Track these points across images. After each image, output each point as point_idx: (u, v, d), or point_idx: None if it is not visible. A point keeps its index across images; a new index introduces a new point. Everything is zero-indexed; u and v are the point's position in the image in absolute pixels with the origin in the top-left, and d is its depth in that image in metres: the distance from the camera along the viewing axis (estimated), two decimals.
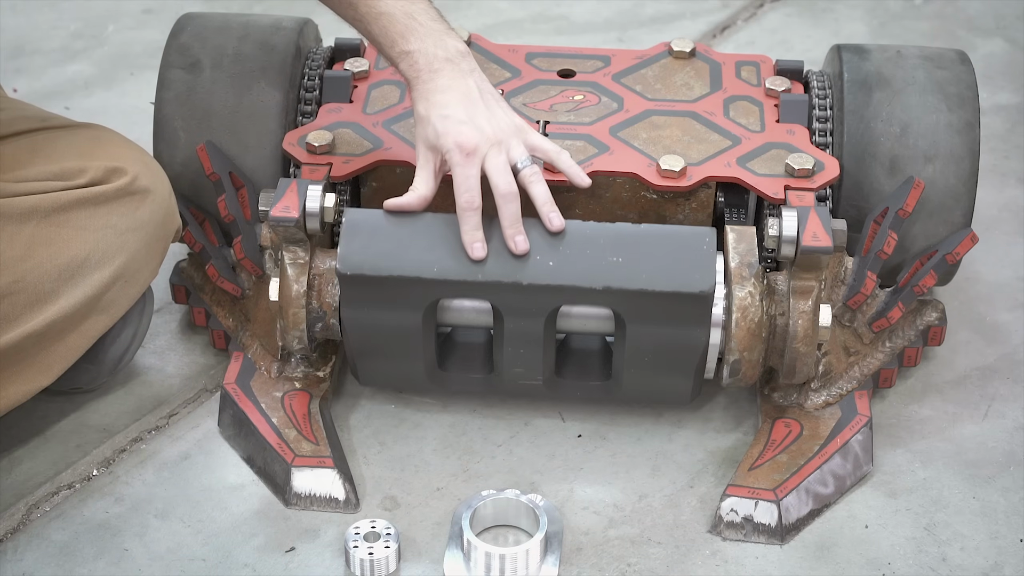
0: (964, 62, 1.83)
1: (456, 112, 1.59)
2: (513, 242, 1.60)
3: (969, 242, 1.74)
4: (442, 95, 1.60)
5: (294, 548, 1.59)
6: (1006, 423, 1.75)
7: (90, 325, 1.62)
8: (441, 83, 1.60)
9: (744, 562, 1.58)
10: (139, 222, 1.64)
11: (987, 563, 1.58)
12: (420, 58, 1.61)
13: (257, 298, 1.77)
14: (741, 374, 1.64)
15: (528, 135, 1.64)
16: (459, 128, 1.59)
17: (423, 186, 1.62)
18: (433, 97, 1.60)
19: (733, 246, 1.64)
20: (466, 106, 1.60)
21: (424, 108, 1.60)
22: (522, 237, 1.60)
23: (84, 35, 2.45)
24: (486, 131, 1.59)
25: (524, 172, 1.61)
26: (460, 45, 1.63)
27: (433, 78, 1.60)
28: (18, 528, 1.61)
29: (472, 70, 1.62)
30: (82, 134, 1.69)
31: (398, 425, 1.73)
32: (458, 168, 1.59)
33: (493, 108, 1.62)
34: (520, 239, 1.60)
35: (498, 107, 1.63)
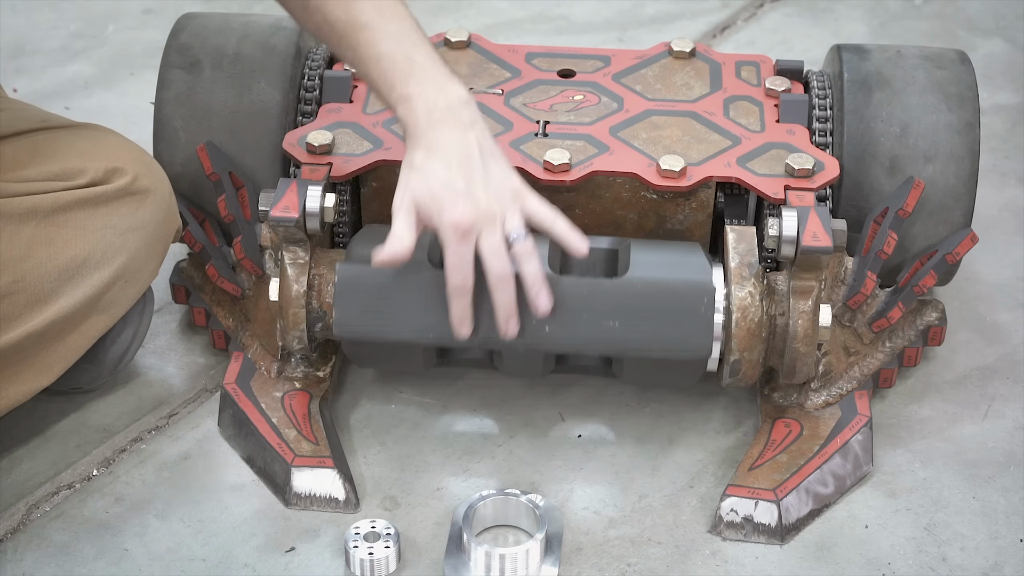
0: (964, 62, 1.83)
1: (454, 179, 1.51)
2: (506, 326, 1.56)
3: (969, 242, 1.74)
4: (441, 151, 1.52)
5: (294, 548, 1.59)
6: (1006, 423, 1.75)
7: (90, 325, 1.62)
8: (441, 137, 1.53)
9: (744, 562, 1.58)
10: (139, 222, 1.64)
11: (987, 563, 1.58)
12: (420, 104, 1.53)
13: (257, 298, 1.77)
14: (741, 374, 1.64)
15: (525, 200, 1.56)
16: (455, 201, 1.50)
17: (407, 234, 1.53)
18: (432, 151, 1.52)
19: (733, 246, 1.64)
20: (465, 171, 1.52)
21: (420, 160, 1.53)
22: (515, 320, 1.56)
23: (84, 35, 2.45)
24: (482, 205, 1.52)
25: (516, 248, 1.54)
26: (462, 92, 1.55)
27: (433, 127, 1.53)
28: (18, 528, 1.61)
29: (474, 122, 1.55)
30: (82, 134, 1.69)
31: (398, 425, 1.73)
32: (451, 248, 1.52)
33: (492, 171, 1.54)
34: (512, 323, 1.56)
35: (496, 167, 1.55)
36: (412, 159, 1.54)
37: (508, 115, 1.80)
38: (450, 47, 1.91)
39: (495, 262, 1.53)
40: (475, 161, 1.53)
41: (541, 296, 1.55)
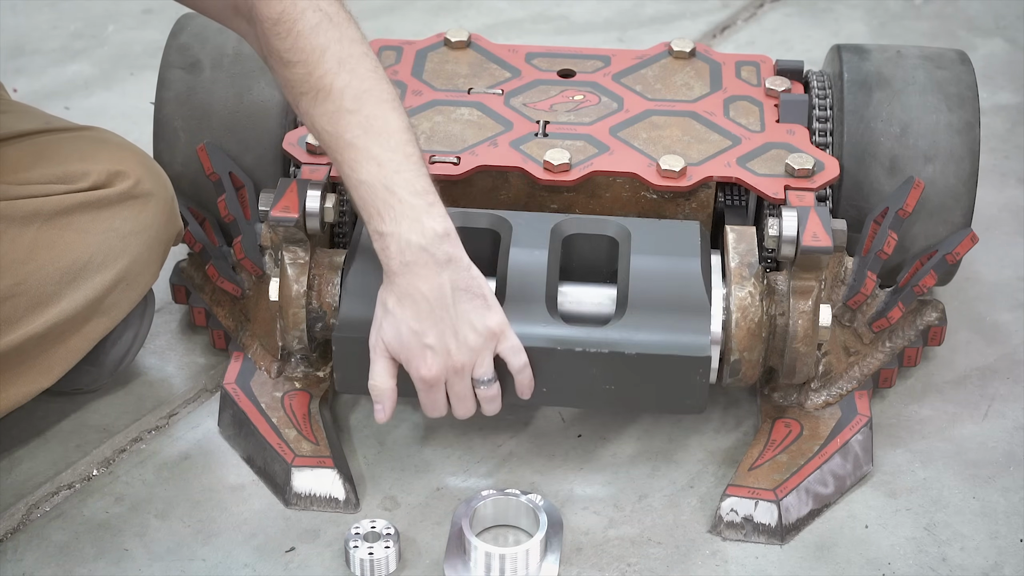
0: (964, 62, 1.83)
1: (424, 331, 1.51)
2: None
3: (969, 242, 1.74)
4: (411, 300, 1.51)
5: (294, 548, 1.59)
6: (1006, 423, 1.75)
7: (91, 328, 1.62)
8: (412, 283, 1.50)
9: (744, 562, 1.58)
10: (141, 226, 1.64)
11: (987, 563, 1.58)
12: (392, 244, 1.50)
13: (257, 298, 1.77)
14: (741, 374, 1.64)
15: (501, 342, 1.55)
16: (423, 355, 1.52)
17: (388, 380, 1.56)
18: (403, 299, 1.51)
19: (733, 246, 1.64)
20: (435, 321, 1.51)
21: (393, 304, 1.52)
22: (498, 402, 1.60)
23: (84, 35, 2.45)
24: (451, 358, 1.53)
25: (480, 392, 1.57)
26: (438, 225, 1.50)
27: (405, 272, 1.50)
28: (18, 528, 1.61)
29: (449, 260, 1.50)
30: (85, 137, 1.69)
31: (398, 425, 1.73)
32: (423, 395, 1.56)
33: (463, 318, 1.52)
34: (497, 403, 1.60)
35: (471, 309, 1.52)
36: (385, 301, 1.54)
37: (508, 115, 1.80)
38: (450, 47, 1.91)
39: (459, 407, 1.58)
40: (446, 309, 1.51)
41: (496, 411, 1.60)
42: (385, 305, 1.53)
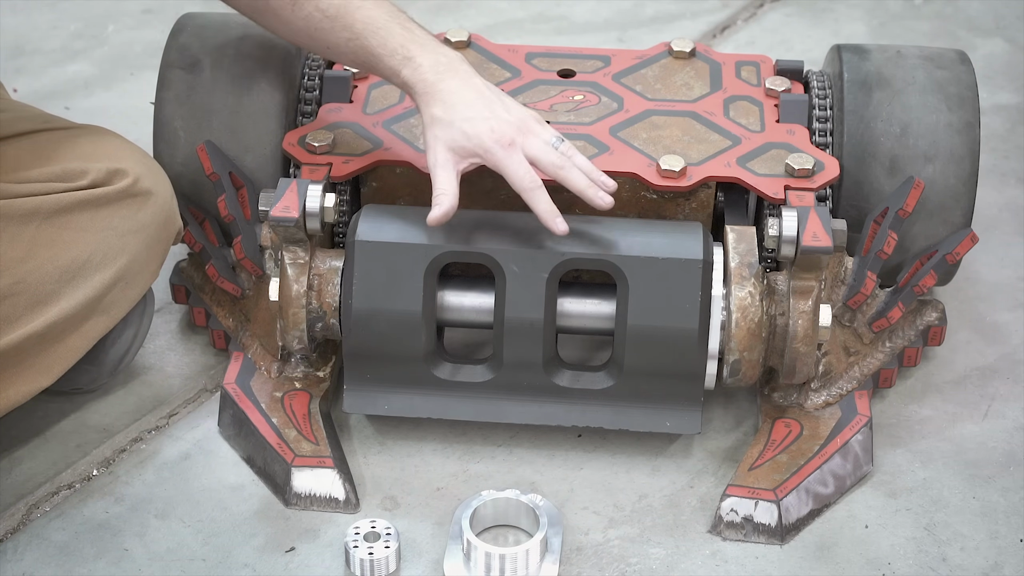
0: (964, 62, 1.83)
1: (479, 111, 1.61)
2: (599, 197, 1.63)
3: (969, 242, 1.74)
4: (458, 96, 1.62)
5: (294, 548, 1.59)
6: (1006, 423, 1.75)
7: (91, 326, 1.62)
8: (452, 85, 1.62)
9: (744, 562, 1.58)
10: (140, 224, 1.64)
11: (987, 563, 1.58)
12: (425, 61, 1.63)
13: (257, 298, 1.77)
14: (741, 374, 1.64)
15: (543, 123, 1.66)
16: (489, 125, 1.61)
17: (451, 188, 1.62)
18: (449, 99, 1.62)
19: (733, 246, 1.64)
20: (485, 104, 1.62)
21: (442, 111, 1.62)
22: (562, 219, 1.62)
23: (84, 35, 2.45)
24: (513, 122, 1.62)
25: (562, 148, 1.63)
26: (456, 52, 1.66)
27: (441, 79, 1.62)
28: (18, 528, 1.61)
29: (475, 72, 1.65)
30: (84, 136, 1.69)
31: (398, 425, 1.73)
32: (505, 161, 1.61)
33: (508, 102, 1.64)
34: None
35: (509, 100, 1.65)
36: (432, 114, 1.62)
37: None
38: (450, 47, 1.91)
39: (550, 155, 1.62)
40: (490, 97, 1.63)
41: (602, 178, 1.64)
42: (434, 118, 1.62)
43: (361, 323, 1.64)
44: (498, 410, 1.67)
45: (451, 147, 1.61)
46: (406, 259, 1.62)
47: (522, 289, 1.62)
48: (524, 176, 1.61)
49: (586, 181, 1.62)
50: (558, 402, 1.66)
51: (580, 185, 1.62)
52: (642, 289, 1.61)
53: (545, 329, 1.63)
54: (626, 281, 1.61)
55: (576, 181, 1.62)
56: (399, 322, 1.63)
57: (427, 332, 1.64)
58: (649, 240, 1.63)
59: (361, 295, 1.63)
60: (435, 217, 1.61)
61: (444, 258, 1.63)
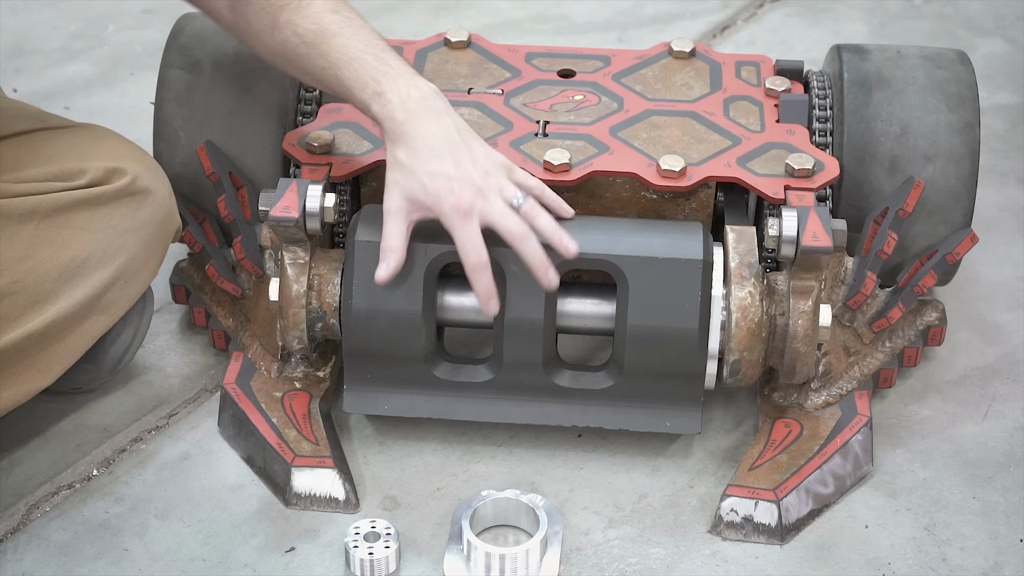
0: (964, 62, 1.83)
1: (443, 166, 1.56)
2: (547, 279, 1.59)
3: (969, 242, 1.74)
4: (423, 142, 1.56)
5: (294, 548, 1.59)
6: (1006, 423, 1.75)
7: (90, 325, 1.62)
8: (420, 128, 1.57)
9: (744, 562, 1.58)
10: (139, 222, 1.64)
11: (987, 563, 1.58)
12: (394, 98, 1.58)
13: (257, 298, 1.77)
14: (741, 374, 1.64)
15: (513, 172, 1.61)
16: (450, 187, 1.55)
17: (399, 244, 1.58)
18: (415, 144, 1.57)
19: (733, 246, 1.64)
20: (451, 154, 1.56)
21: (405, 156, 1.57)
22: (553, 272, 1.59)
23: (84, 35, 2.45)
24: (476, 183, 1.56)
25: (524, 208, 1.58)
26: (432, 86, 1.60)
27: (409, 119, 1.57)
28: (18, 528, 1.61)
29: (448, 109, 1.59)
30: (82, 134, 1.69)
31: (398, 425, 1.73)
32: (459, 230, 1.56)
33: (475, 148, 1.59)
34: (552, 275, 1.59)
35: (479, 147, 1.59)
36: (396, 156, 1.58)
37: (508, 115, 1.80)
38: (450, 47, 1.91)
39: (508, 223, 1.57)
40: (458, 144, 1.57)
41: (564, 241, 1.59)
42: (397, 160, 1.58)
43: (361, 323, 1.64)
44: (498, 410, 1.67)
45: (408, 196, 1.57)
46: (406, 259, 1.62)
47: (522, 289, 1.62)
48: (471, 251, 1.56)
49: (540, 258, 1.57)
50: (558, 402, 1.66)
51: (533, 262, 1.57)
52: (642, 289, 1.61)
53: (545, 329, 1.63)
54: (626, 281, 1.61)
55: (531, 256, 1.57)
56: (399, 322, 1.63)
57: (427, 332, 1.64)
58: (649, 240, 1.63)
59: (361, 295, 1.63)
60: (381, 276, 1.58)
61: (444, 258, 1.63)
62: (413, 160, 1.56)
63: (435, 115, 1.58)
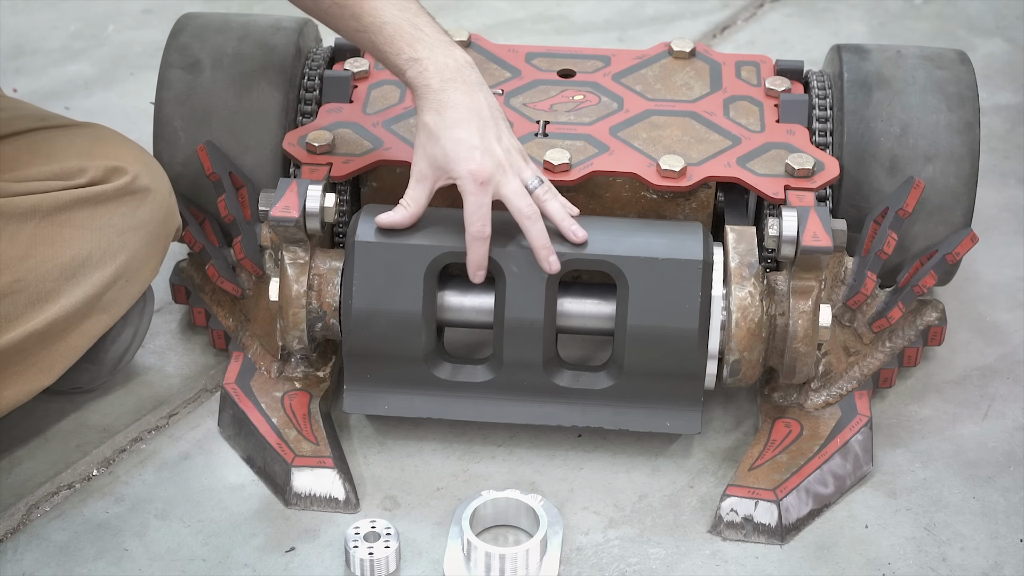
0: (964, 62, 1.83)
1: (469, 135, 1.58)
2: (547, 263, 1.60)
3: (969, 242, 1.74)
4: (454, 111, 1.59)
5: (294, 548, 1.59)
6: (1006, 423, 1.75)
7: (91, 325, 1.62)
8: (453, 97, 1.59)
9: (744, 562, 1.58)
10: (139, 221, 1.64)
11: (987, 563, 1.58)
12: (430, 65, 1.60)
13: (257, 298, 1.77)
14: (741, 374, 1.64)
15: (529, 161, 1.63)
16: (472, 155, 1.58)
17: (415, 204, 1.61)
18: (444, 112, 1.59)
19: (733, 246, 1.64)
20: (479, 126, 1.59)
21: (434, 122, 1.59)
22: (555, 257, 1.60)
23: (84, 35, 2.45)
24: (498, 156, 1.58)
25: (538, 191, 1.61)
26: (466, 55, 1.62)
27: (444, 88, 1.59)
28: (18, 528, 1.61)
29: (481, 83, 1.62)
30: (82, 133, 1.69)
31: (398, 425, 1.73)
32: (471, 197, 1.58)
33: (501, 126, 1.61)
34: (553, 259, 1.60)
35: (504, 125, 1.62)
36: (425, 122, 1.60)
37: (508, 115, 1.79)
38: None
39: (520, 202, 1.59)
40: (487, 119, 1.59)
41: (572, 229, 1.61)
42: (426, 126, 1.59)
43: (361, 324, 1.63)
44: (498, 410, 1.67)
45: (431, 162, 1.60)
46: (406, 259, 1.62)
47: (522, 290, 1.62)
48: (475, 222, 1.58)
49: (544, 241, 1.59)
50: (558, 402, 1.66)
51: (536, 243, 1.60)
52: (642, 290, 1.61)
53: (545, 330, 1.63)
54: (626, 282, 1.61)
55: (535, 237, 1.59)
56: (399, 322, 1.63)
57: (427, 332, 1.64)
58: (649, 241, 1.63)
59: (361, 295, 1.63)
60: (390, 219, 1.61)
61: (444, 259, 1.63)
62: (440, 125, 1.59)
63: (469, 87, 1.60)
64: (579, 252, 1.61)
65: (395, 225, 1.62)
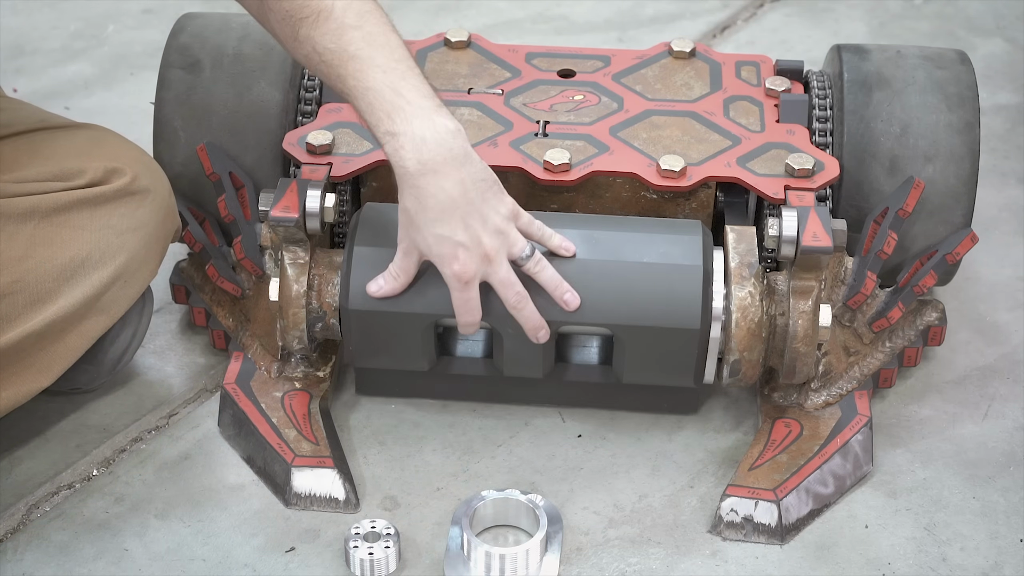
0: (964, 62, 1.83)
1: (452, 231, 1.52)
2: (537, 338, 1.61)
3: (969, 242, 1.74)
4: (433, 200, 1.52)
5: (294, 548, 1.59)
6: (1006, 423, 1.75)
7: (90, 325, 1.62)
8: (432, 184, 1.51)
9: (744, 562, 1.58)
10: (139, 222, 1.64)
11: (987, 563, 1.58)
12: (407, 143, 1.51)
13: (257, 298, 1.77)
14: (741, 374, 1.64)
15: (520, 218, 1.59)
16: (455, 253, 1.53)
17: (404, 275, 1.60)
18: (425, 201, 1.52)
19: (733, 246, 1.64)
20: (461, 216, 1.52)
21: (414, 210, 1.53)
22: (545, 331, 1.60)
23: (84, 35, 2.45)
24: (483, 248, 1.54)
25: (528, 264, 1.58)
26: (451, 123, 1.53)
27: (423, 171, 1.51)
28: (18, 528, 1.61)
29: (465, 156, 1.53)
30: (81, 134, 1.69)
31: (398, 425, 1.73)
32: (457, 293, 1.56)
33: (487, 207, 1.54)
34: (543, 333, 1.60)
35: (491, 196, 1.55)
36: (405, 205, 1.55)
37: (508, 115, 1.80)
38: (450, 47, 1.91)
39: (508, 294, 1.57)
40: (470, 202, 1.53)
41: (567, 297, 1.60)
42: (408, 212, 1.54)
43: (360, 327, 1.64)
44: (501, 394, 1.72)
45: (416, 247, 1.57)
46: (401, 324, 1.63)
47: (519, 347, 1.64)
48: (465, 314, 1.57)
49: (533, 323, 1.58)
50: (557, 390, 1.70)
51: (527, 326, 1.59)
52: (639, 353, 1.63)
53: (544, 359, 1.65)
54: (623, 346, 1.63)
55: (525, 321, 1.59)
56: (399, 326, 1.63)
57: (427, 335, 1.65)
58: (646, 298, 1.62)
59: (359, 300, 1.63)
60: (381, 290, 1.60)
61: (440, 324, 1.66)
62: (421, 218, 1.53)
63: (449, 167, 1.52)
64: (574, 318, 1.61)
65: (386, 296, 1.61)
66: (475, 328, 1.60)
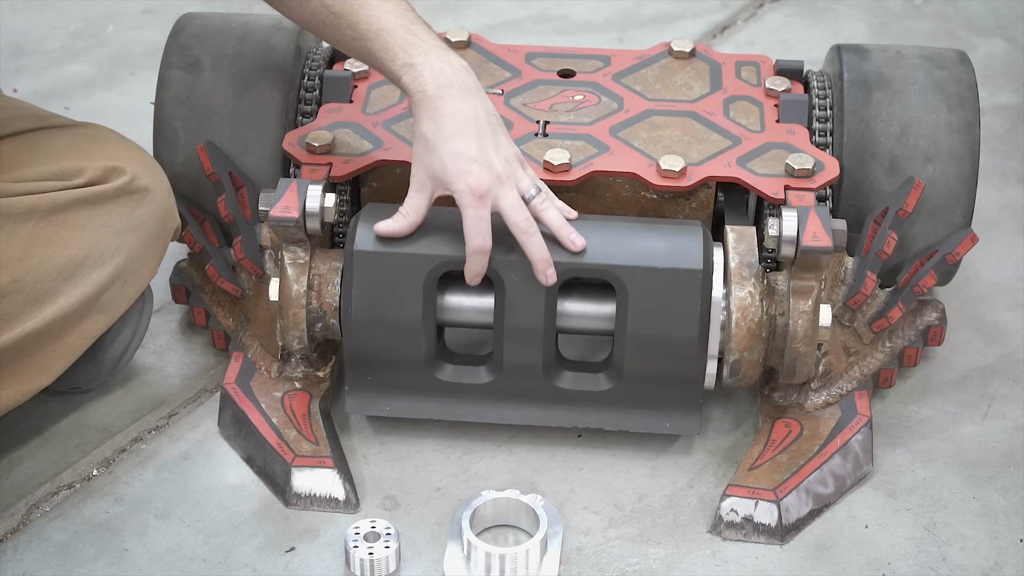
0: (964, 62, 1.83)
1: (467, 147, 1.56)
2: (544, 276, 1.60)
3: (969, 242, 1.74)
4: (451, 120, 1.57)
5: (294, 548, 1.59)
6: (1006, 423, 1.75)
7: (89, 325, 1.62)
8: (449, 105, 1.57)
9: (744, 562, 1.58)
10: (138, 221, 1.64)
11: (987, 563, 1.58)
12: (426, 71, 1.58)
13: (257, 298, 1.77)
14: (741, 374, 1.64)
15: (526, 166, 1.62)
16: (469, 168, 1.56)
17: (414, 213, 1.60)
18: (441, 121, 1.57)
19: (733, 246, 1.64)
20: (476, 136, 1.57)
21: (431, 131, 1.57)
22: (552, 270, 1.60)
23: (84, 35, 2.45)
24: (495, 168, 1.57)
25: (535, 202, 1.60)
26: (463, 60, 1.61)
27: (440, 94, 1.58)
28: (18, 528, 1.61)
29: (478, 88, 1.60)
30: (80, 133, 1.69)
31: (398, 425, 1.73)
32: (470, 211, 1.57)
33: (499, 136, 1.60)
34: (551, 272, 1.60)
35: (501, 132, 1.61)
36: (422, 131, 1.58)
37: (508, 115, 1.80)
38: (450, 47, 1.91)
39: (517, 216, 1.58)
40: (484, 129, 1.58)
41: (571, 238, 1.61)
42: (424, 135, 1.58)
43: (361, 331, 1.64)
44: (499, 412, 1.67)
45: (429, 173, 1.58)
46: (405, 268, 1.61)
47: (522, 298, 1.62)
48: (476, 235, 1.57)
49: (542, 254, 1.59)
50: (558, 404, 1.66)
51: (534, 257, 1.59)
52: (641, 298, 1.61)
53: (545, 335, 1.63)
54: (625, 290, 1.61)
55: (533, 251, 1.59)
56: (399, 330, 1.63)
57: (427, 338, 1.64)
58: (648, 247, 1.62)
59: (361, 304, 1.63)
60: (389, 227, 1.60)
61: (443, 267, 1.62)
62: (437, 136, 1.57)
63: (465, 93, 1.58)
64: (577, 260, 1.61)
65: (394, 234, 1.61)
66: (483, 265, 1.59)
